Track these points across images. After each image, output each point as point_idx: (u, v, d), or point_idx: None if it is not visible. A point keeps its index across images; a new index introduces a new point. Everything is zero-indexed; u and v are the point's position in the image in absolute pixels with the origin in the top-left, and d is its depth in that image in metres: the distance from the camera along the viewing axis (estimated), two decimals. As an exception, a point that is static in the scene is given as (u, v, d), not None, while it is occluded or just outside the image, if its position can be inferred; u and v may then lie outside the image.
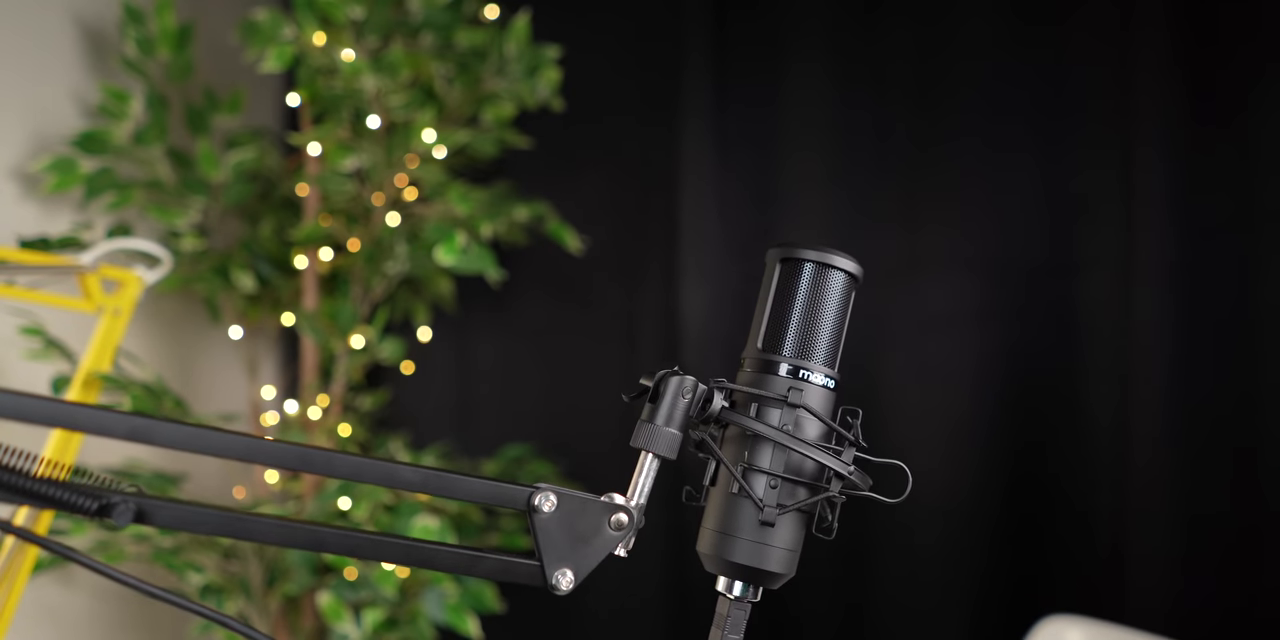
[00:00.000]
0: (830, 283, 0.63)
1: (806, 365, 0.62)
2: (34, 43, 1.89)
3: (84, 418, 0.51)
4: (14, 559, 1.37)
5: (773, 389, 0.61)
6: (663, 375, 0.61)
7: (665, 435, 0.61)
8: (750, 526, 0.60)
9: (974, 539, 1.79)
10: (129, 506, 0.50)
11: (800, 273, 0.63)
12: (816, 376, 0.62)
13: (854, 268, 0.64)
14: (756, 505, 0.60)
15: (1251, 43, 1.63)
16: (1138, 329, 1.68)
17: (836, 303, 0.63)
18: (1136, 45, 1.68)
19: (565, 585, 0.60)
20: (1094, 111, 1.74)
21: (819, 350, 0.63)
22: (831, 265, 0.63)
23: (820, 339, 0.63)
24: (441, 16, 1.99)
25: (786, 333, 0.63)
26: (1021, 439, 1.79)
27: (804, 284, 0.63)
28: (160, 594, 0.53)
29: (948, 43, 1.84)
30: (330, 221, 2.04)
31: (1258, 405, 1.62)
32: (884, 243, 1.88)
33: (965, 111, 1.83)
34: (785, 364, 0.62)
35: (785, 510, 0.60)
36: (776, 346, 0.63)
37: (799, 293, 0.63)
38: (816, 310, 0.63)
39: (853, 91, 1.91)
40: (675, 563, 2.00)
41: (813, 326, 0.63)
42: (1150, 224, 1.67)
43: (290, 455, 0.55)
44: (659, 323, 2.06)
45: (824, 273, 0.63)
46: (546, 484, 0.59)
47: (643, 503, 0.62)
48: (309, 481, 2.00)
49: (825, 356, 0.63)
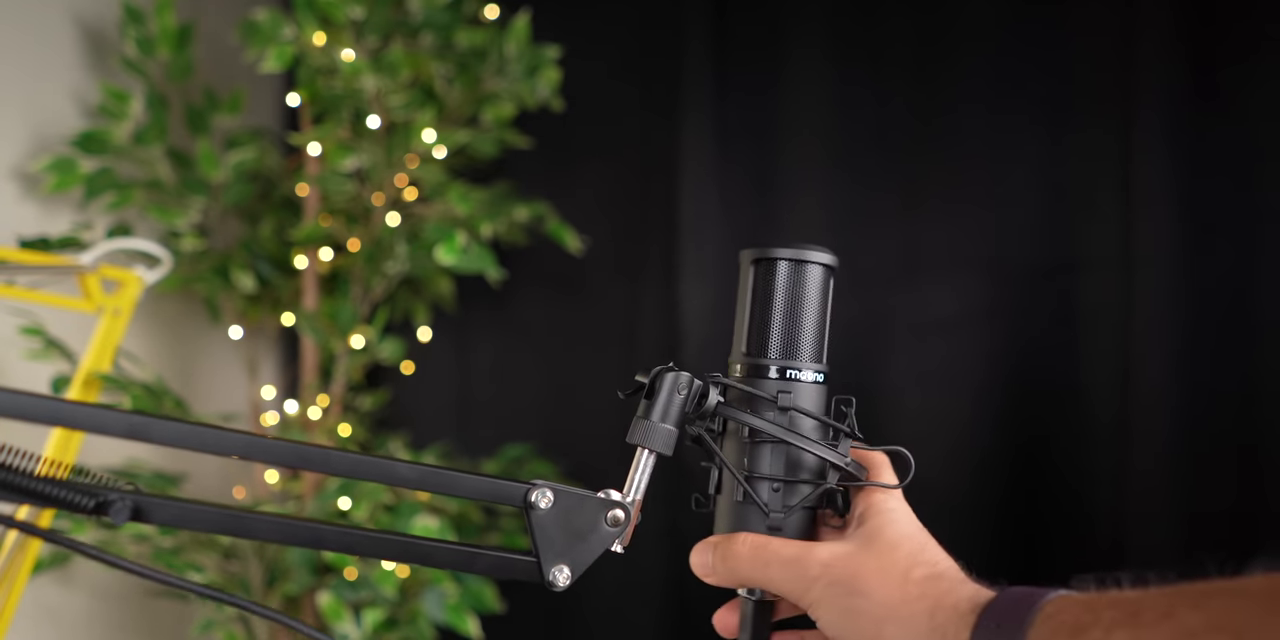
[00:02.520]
0: (807, 278, 0.62)
1: (794, 364, 0.62)
2: (34, 42, 1.89)
3: (82, 416, 0.51)
4: (14, 559, 1.37)
5: (765, 391, 0.61)
6: (658, 371, 0.61)
7: (661, 431, 0.61)
8: (758, 532, 0.60)
9: (974, 538, 1.79)
10: (126, 504, 0.50)
11: (775, 273, 0.62)
12: (806, 373, 0.62)
13: (829, 259, 0.63)
14: (763, 511, 0.60)
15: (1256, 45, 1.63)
16: (1138, 327, 1.68)
17: (816, 297, 0.63)
18: (1138, 41, 1.68)
19: (562, 581, 0.60)
20: (1094, 110, 1.73)
21: (805, 347, 0.62)
22: (806, 261, 0.62)
23: (805, 336, 0.62)
24: (441, 16, 1.99)
25: (770, 335, 0.62)
26: (1021, 438, 1.79)
27: (781, 284, 0.62)
28: (165, 578, 0.53)
29: (949, 35, 1.84)
30: (330, 221, 2.04)
31: (1258, 403, 1.61)
32: (884, 241, 1.88)
33: (966, 104, 1.82)
34: (773, 366, 0.62)
35: (791, 511, 0.60)
36: (763, 350, 0.62)
37: (777, 293, 0.62)
38: (798, 309, 0.62)
39: (852, 86, 1.91)
40: (676, 563, 2.00)
41: (796, 325, 0.62)
42: (1151, 222, 1.67)
43: (288, 453, 0.55)
44: (659, 322, 2.06)
45: (800, 269, 0.62)
46: (543, 480, 0.60)
47: (639, 499, 0.62)
48: (309, 481, 2.00)
49: (812, 352, 0.62)
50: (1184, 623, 0.42)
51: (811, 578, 0.56)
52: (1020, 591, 0.51)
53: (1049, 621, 0.47)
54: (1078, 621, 0.46)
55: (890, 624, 0.53)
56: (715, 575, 0.60)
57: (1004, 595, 0.51)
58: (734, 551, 0.59)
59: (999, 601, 0.51)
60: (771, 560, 0.57)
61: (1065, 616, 0.47)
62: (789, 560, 0.57)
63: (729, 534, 0.60)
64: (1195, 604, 0.43)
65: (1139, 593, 0.47)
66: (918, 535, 0.57)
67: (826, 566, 0.56)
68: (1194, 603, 0.43)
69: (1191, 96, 1.65)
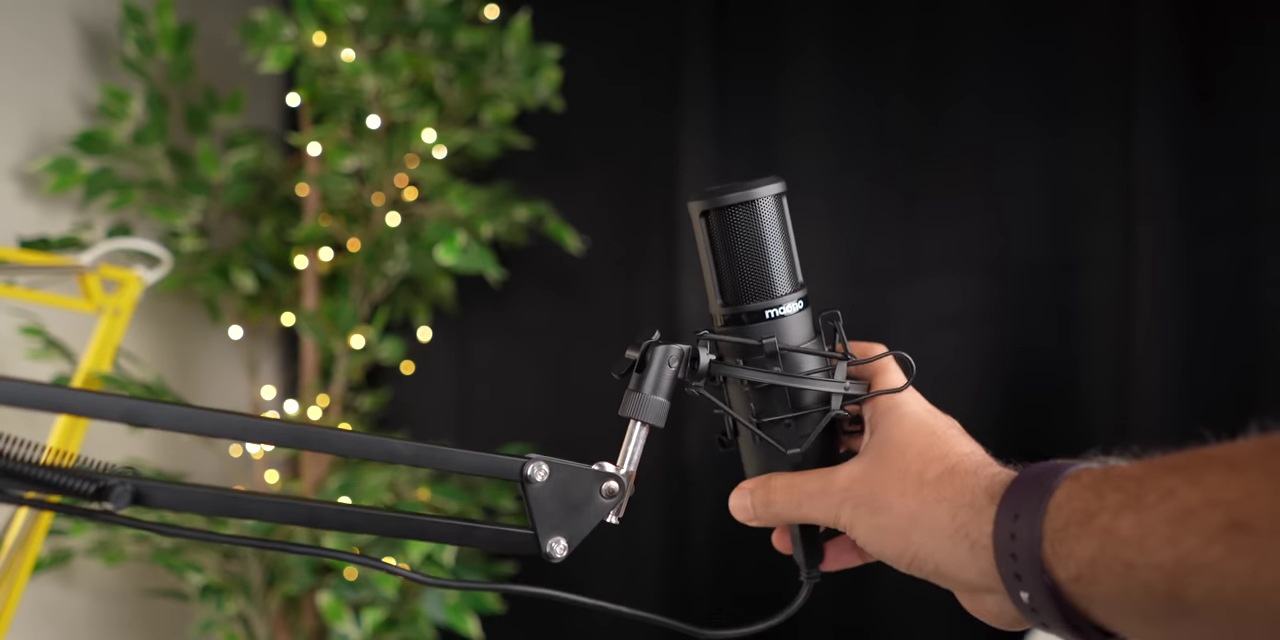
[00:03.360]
0: (762, 214, 0.61)
1: (774, 303, 0.61)
2: (34, 43, 1.89)
3: (79, 402, 0.51)
4: (14, 559, 1.37)
5: (751, 336, 0.61)
6: (647, 345, 0.62)
7: (653, 404, 0.61)
8: (785, 468, 0.62)
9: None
10: (126, 488, 0.50)
11: (729, 217, 0.61)
12: (788, 306, 0.61)
13: (777, 187, 0.61)
14: (781, 451, 0.61)
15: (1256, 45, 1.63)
16: (1138, 327, 1.68)
17: (775, 229, 0.61)
18: (1138, 41, 1.68)
19: (560, 553, 0.61)
20: (1094, 110, 1.74)
21: (778, 282, 0.61)
22: (755, 199, 0.60)
23: (775, 272, 0.61)
24: (441, 16, 1.99)
25: (741, 280, 0.61)
26: (1021, 438, 1.78)
27: (738, 229, 0.61)
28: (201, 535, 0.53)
29: (949, 35, 1.84)
30: (330, 221, 2.04)
31: (1259, 403, 1.61)
32: (884, 240, 1.88)
33: (966, 104, 1.83)
34: (753, 310, 0.61)
35: (807, 443, 0.61)
36: (738, 297, 0.62)
37: (736, 239, 0.61)
38: (760, 248, 0.61)
39: (852, 86, 1.91)
40: (676, 563, 2.00)
41: (763, 264, 0.61)
42: (1151, 222, 1.67)
43: (285, 433, 0.55)
44: (660, 321, 2.06)
45: (751, 208, 0.60)
46: (537, 454, 0.60)
47: (633, 470, 0.63)
48: (309, 481, 2.00)
49: (787, 284, 0.61)
50: (1183, 500, 0.43)
51: (837, 504, 0.57)
52: (1034, 474, 0.51)
53: (1061, 510, 0.48)
54: (1087, 507, 0.47)
55: (916, 532, 0.54)
56: (758, 519, 0.62)
57: (1019, 481, 0.51)
58: (770, 498, 0.61)
59: (1013, 490, 0.51)
60: (801, 498, 0.59)
61: (1076, 502, 0.47)
62: (815, 493, 0.58)
63: (762, 478, 0.62)
64: (1192, 479, 0.43)
65: (1142, 469, 0.47)
66: (926, 427, 0.58)
67: (847, 490, 0.57)
68: (1191, 478, 0.43)
69: (1191, 96, 1.65)
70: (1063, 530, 0.47)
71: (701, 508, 1.97)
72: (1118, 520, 0.45)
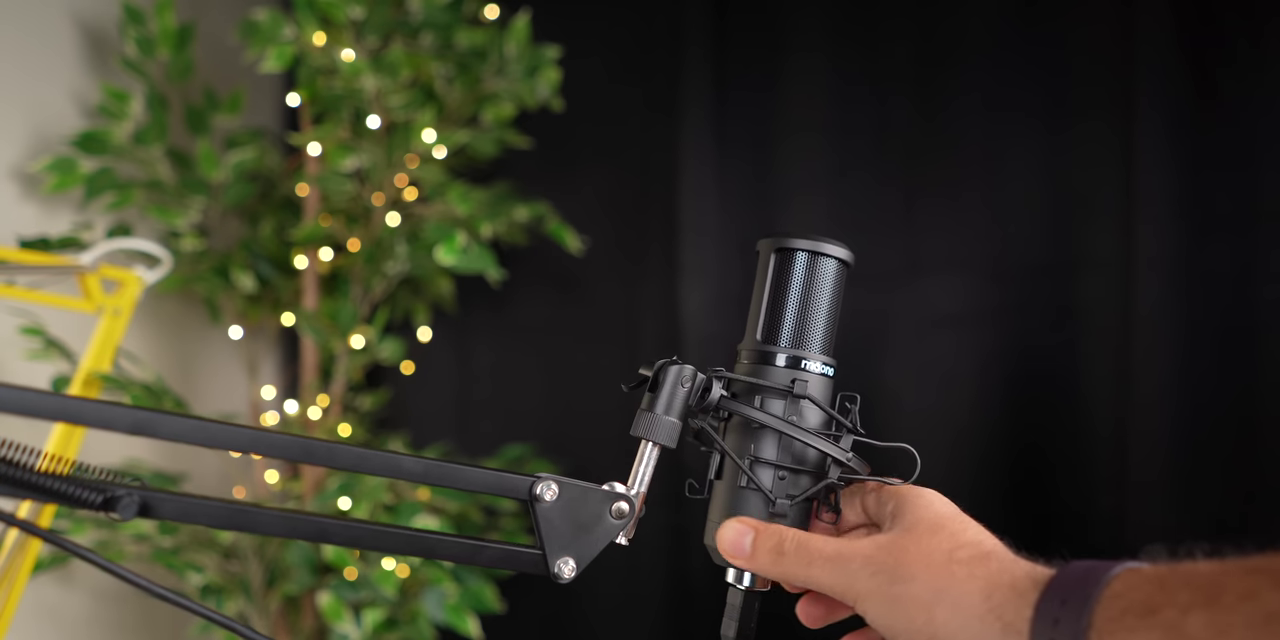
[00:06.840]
0: (824, 271, 0.64)
1: (805, 355, 0.62)
2: (34, 42, 1.89)
3: (89, 412, 0.51)
4: (14, 559, 1.37)
5: (774, 379, 0.62)
6: (662, 364, 0.62)
7: (665, 424, 0.61)
8: (760, 518, 0.60)
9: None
10: (133, 499, 0.50)
11: (794, 262, 0.64)
12: (815, 364, 0.62)
13: (846, 254, 0.64)
14: (768, 498, 0.60)
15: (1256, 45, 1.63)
16: (1138, 328, 1.68)
17: (831, 290, 0.64)
18: (1138, 40, 1.68)
19: (568, 573, 0.60)
20: (1094, 109, 1.74)
21: (816, 339, 0.63)
22: (824, 253, 0.63)
23: (817, 327, 0.63)
24: (441, 16, 1.99)
25: (784, 323, 0.63)
26: (1020, 438, 1.79)
27: (798, 274, 0.63)
28: (162, 593, 0.53)
29: (949, 34, 1.84)
30: (330, 221, 2.04)
31: (1259, 404, 1.62)
32: (884, 240, 1.88)
33: (966, 103, 1.83)
34: (784, 354, 0.62)
35: (796, 500, 0.61)
36: (775, 337, 0.63)
37: (793, 283, 0.63)
38: (812, 299, 0.63)
39: (852, 86, 1.91)
40: (676, 563, 2.00)
41: (809, 316, 0.63)
42: (1151, 222, 1.67)
43: (293, 447, 0.55)
44: (659, 322, 2.06)
45: (817, 261, 0.63)
46: (548, 474, 0.60)
47: (643, 491, 0.62)
48: (309, 481, 2.00)
49: (822, 345, 0.63)
50: (1267, 604, 0.39)
51: (855, 570, 0.54)
52: (1084, 566, 0.48)
53: (1117, 600, 0.45)
54: (1149, 601, 0.44)
55: (941, 608, 0.50)
56: (753, 565, 0.58)
57: (1067, 570, 0.49)
58: (782, 548, 0.57)
59: (1062, 577, 0.48)
60: (814, 558, 0.56)
61: (1136, 594, 0.44)
62: (832, 556, 0.55)
63: (773, 525, 0.59)
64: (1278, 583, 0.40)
65: (1216, 568, 0.44)
66: (958, 518, 0.55)
67: (869, 558, 0.54)
68: (1276, 582, 0.40)
69: (1191, 96, 1.65)
70: (1117, 621, 0.44)
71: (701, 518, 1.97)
72: (1187, 617, 0.42)
